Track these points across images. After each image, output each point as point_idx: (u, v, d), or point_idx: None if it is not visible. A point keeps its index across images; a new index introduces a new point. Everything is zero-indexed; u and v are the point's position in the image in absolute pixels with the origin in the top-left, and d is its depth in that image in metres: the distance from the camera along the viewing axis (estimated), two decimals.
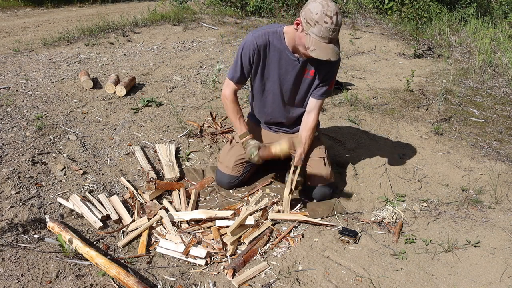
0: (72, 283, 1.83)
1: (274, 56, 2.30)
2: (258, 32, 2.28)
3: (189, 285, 1.92)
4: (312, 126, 2.45)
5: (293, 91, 2.42)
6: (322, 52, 2.05)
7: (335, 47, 2.06)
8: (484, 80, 4.64)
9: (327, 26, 1.99)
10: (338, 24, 2.01)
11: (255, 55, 2.30)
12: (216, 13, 7.53)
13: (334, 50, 2.06)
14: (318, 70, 2.33)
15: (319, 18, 1.99)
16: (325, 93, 2.41)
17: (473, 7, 7.39)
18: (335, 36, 2.05)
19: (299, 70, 2.33)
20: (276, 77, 2.37)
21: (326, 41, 2.03)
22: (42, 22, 7.21)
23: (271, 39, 2.26)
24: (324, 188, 2.52)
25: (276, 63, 2.33)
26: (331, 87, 2.43)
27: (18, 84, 3.97)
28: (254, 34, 2.28)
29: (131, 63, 4.84)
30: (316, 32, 2.02)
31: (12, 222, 2.14)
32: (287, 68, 2.33)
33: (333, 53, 2.06)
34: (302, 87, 2.40)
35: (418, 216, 2.48)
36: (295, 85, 2.39)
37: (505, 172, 2.87)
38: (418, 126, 3.52)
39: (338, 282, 1.96)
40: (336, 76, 2.43)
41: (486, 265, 2.09)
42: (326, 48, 2.04)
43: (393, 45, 6.05)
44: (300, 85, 2.40)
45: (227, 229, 2.19)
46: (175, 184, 2.58)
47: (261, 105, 2.54)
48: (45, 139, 2.97)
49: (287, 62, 2.31)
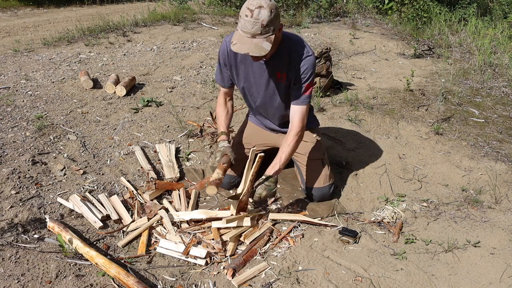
0: (72, 283, 1.83)
1: (246, 59, 2.27)
2: (231, 36, 2.24)
3: (189, 285, 1.92)
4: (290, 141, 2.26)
5: (271, 95, 2.36)
6: (242, 45, 1.98)
7: (260, 43, 1.97)
8: (484, 80, 4.64)
9: (247, 19, 1.95)
10: (260, 18, 1.92)
11: (227, 58, 2.29)
12: (216, 13, 7.53)
13: (257, 45, 1.96)
14: (288, 74, 2.25)
15: (242, 12, 1.98)
16: (298, 98, 2.25)
17: (473, 7, 7.39)
18: (259, 30, 1.95)
19: (270, 73, 2.27)
20: (252, 81, 2.34)
21: (249, 36, 1.97)
22: (42, 22, 7.21)
23: None
24: (324, 188, 2.52)
25: (249, 66, 2.30)
26: (307, 92, 2.26)
27: (18, 84, 3.97)
28: (227, 38, 2.27)
29: (131, 63, 4.84)
30: (239, 26, 2.00)
31: (12, 222, 2.14)
32: (260, 71, 2.28)
33: (255, 48, 1.97)
34: (279, 91, 2.33)
35: (418, 216, 2.48)
36: (270, 89, 2.33)
37: (505, 172, 2.87)
38: (418, 126, 3.52)
39: (338, 282, 1.96)
40: (310, 80, 2.24)
41: (486, 265, 2.09)
42: (247, 42, 1.97)
43: (393, 45, 6.05)
44: (275, 89, 2.33)
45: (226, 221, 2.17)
46: (175, 184, 2.58)
47: (250, 107, 2.55)
48: (45, 139, 2.97)
49: (257, 65, 2.27)
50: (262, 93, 2.37)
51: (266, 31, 1.97)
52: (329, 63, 4.00)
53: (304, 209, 2.49)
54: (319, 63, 3.88)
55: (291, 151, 2.29)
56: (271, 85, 2.32)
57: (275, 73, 2.27)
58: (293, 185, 2.71)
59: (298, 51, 2.20)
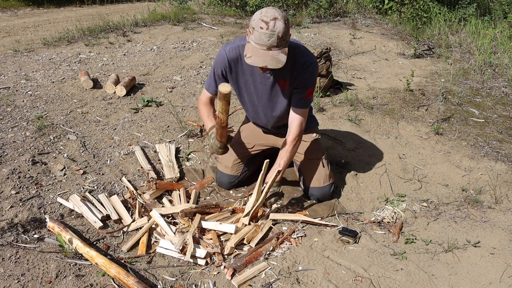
0: (72, 283, 1.83)
1: (248, 68, 2.25)
2: (230, 45, 2.25)
3: (189, 285, 1.92)
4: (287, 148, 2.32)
5: (272, 102, 2.36)
6: (258, 58, 1.97)
7: (276, 55, 1.97)
8: (484, 80, 4.64)
9: (262, 31, 1.93)
10: (276, 30, 1.92)
11: (227, 68, 2.28)
12: (216, 13, 7.53)
13: (273, 57, 1.96)
14: (291, 82, 2.25)
15: (255, 24, 1.95)
16: (299, 101, 2.28)
17: (473, 7, 7.39)
18: (275, 42, 1.95)
19: (273, 81, 2.27)
20: (252, 89, 2.34)
21: (264, 48, 1.96)
22: (42, 22, 7.21)
23: (241, 52, 2.17)
24: (324, 188, 2.52)
25: (250, 76, 2.29)
26: (308, 96, 2.29)
27: (18, 84, 3.97)
28: (226, 48, 2.25)
29: (131, 63, 4.84)
30: (253, 38, 1.97)
31: (12, 222, 2.14)
32: (262, 80, 2.28)
33: (272, 60, 1.96)
34: (280, 99, 2.33)
35: (418, 216, 2.48)
36: (272, 96, 2.33)
37: (505, 172, 2.87)
38: (418, 126, 3.52)
39: (338, 282, 1.96)
40: (312, 85, 2.27)
41: (486, 265, 2.09)
42: (263, 55, 1.96)
43: (393, 45, 6.05)
44: (278, 97, 2.33)
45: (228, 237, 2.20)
46: (176, 184, 2.58)
47: (246, 111, 2.56)
48: (45, 139, 2.97)
49: (259, 74, 2.26)
50: (264, 101, 2.37)
51: (281, 43, 1.98)
52: (329, 63, 4.00)
53: (304, 209, 2.49)
54: (319, 63, 3.88)
55: (290, 157, 2.36)
56: (274, 93, 2.32)
57: (278, 81, 2.27)
58: (293, 185, 2.71)
59: (302, 59, 2.20)
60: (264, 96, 2.34)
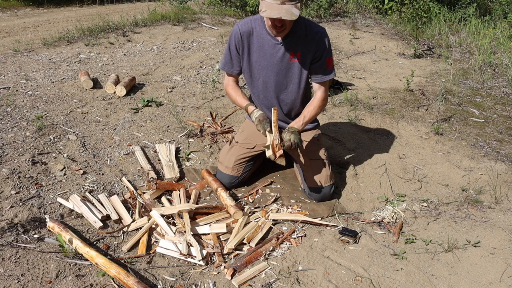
0: (72, 283, 1.83)
1: (258, 42, 2.35)
2: (244, 20, 2.38)
3: (189, 285, 1.92)
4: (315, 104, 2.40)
5: (283, 76, 2.42)
6: (273, 11, 2.06)
7: (289, 8, 2.06)
8: (484, 80, 4.64)
9: None
10: None
11: (239, 42, 2.36)
12: (216, 13, 7.53)
13: (287, 11, 2.06)
14: (304, 51, 2.33)
15: None
16: (323, 73, 2.38)
17: (473, 7, 7.39)
18: None
19: (283, 53, 2.34)
20: (264, 63, 2.39)
21: (279, 2, 2.06)
22: (42, 22, 7.21)
23: (254, 25, 2.33)
24: (324, 189, 2.52)
25: (261, 49, 2.36)
26: (330, 66, 2.40)
27: (18, 84, 3.97)
28: (239, 23, 2.37)
29: (131, 63, 4.84)
30: None
31: (12, 222, 2.14)
32: (272, 52, 2.35)
33: (286, 12, 2.06)
34: (292, 71, 2.39)
35: (418, 216, 2.48)
36: (283, 69, 2.39)
37: (505, 172, 2.87)
38: (418, 126, 3.52)
39: (338, 282, 1.96)
40: (330, 54, 2.39)
41: (486, 265, 2.09)
42: (278, 8, 2.06)
43: (393, 45, 6.05)
44: (289, 69, 2.39)
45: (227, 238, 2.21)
46: (176, 184, 2.58)
47: (255, 95, 2.55)
48: (45, 139, 2.97)
49: (270, 46, 2.34)
50: (275, 76, 2.41)
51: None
52: None
53: (304, 209, 2.49)
54: None
55: (314, 113, 2.41)
56: (284, 66, 2.38)
57: (288, 54, 2.34)
58: (293, 185, 2.71)
59: (313, 29, 2.33)
60: (275, 68, 2.39)
